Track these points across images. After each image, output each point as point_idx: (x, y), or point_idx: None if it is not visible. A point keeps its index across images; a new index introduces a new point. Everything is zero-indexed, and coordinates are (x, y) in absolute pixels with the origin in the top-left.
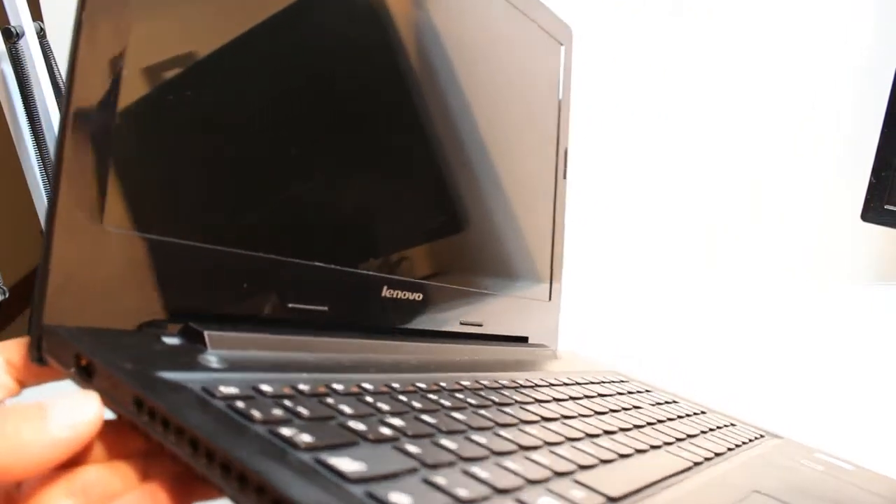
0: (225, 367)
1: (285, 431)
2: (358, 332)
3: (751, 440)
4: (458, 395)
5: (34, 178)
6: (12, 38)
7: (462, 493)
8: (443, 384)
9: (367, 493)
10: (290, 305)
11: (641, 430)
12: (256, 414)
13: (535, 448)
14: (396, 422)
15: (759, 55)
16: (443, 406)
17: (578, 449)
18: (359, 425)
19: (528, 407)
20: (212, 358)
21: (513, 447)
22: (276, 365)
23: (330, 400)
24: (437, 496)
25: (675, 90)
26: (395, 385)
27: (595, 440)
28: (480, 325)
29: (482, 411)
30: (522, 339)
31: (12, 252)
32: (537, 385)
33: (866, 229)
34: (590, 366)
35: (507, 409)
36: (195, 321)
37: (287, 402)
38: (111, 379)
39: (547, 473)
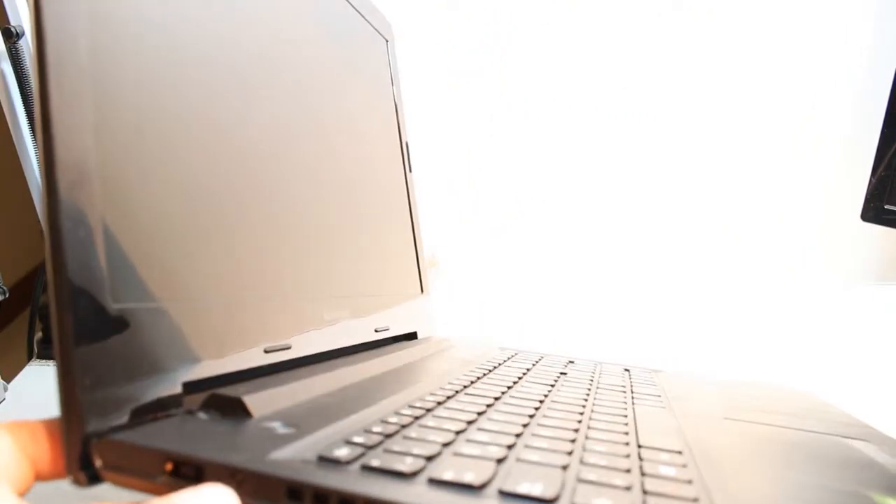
0: (296, 433)
1: (448, 476)
2: (311, 362)
3: (650, 373)
4: (474, 398)
5: (34, 178)
6: (12, 37)
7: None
8: (449, 393)
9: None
10: (265, 349)
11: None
12: (403, 468)
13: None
14: (482, 437)
15: (760, 55)
16: (484, 414)
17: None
18: (471, 450)
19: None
20: (275, 425)
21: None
22: (314, 412)
23: (412, 433)
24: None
25: (676, 90)
26: (419, 405)
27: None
28: (388, 329)
29: (503, 406)
30: (412, 336)
31: (12, 252)
32: (500, 366)
33: (866, 229)
34: (487, 348)
35: (528, 397)
36: (195, 388)
37: (394, 448)
38: (237, 476)
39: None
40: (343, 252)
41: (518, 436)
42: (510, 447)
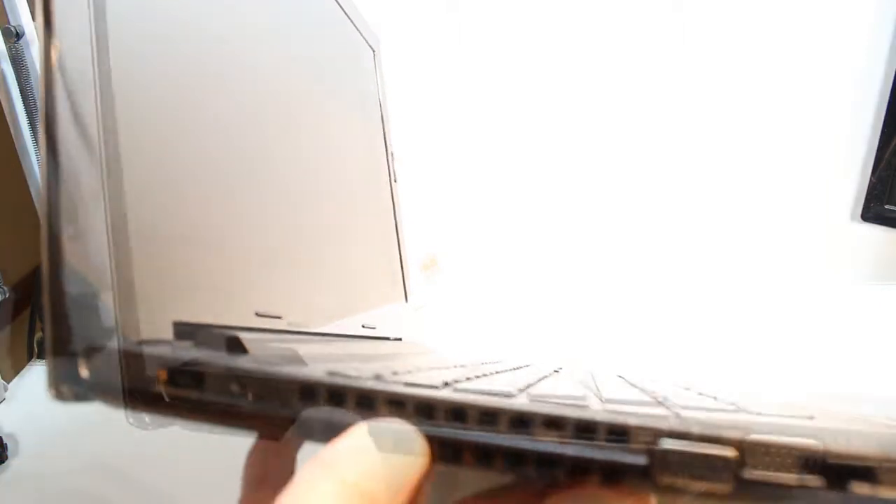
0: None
1: (485, 387)
2: (301, 334)
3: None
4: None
5: (34, 178)
6: (12, 37)
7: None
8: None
9: None
10: (256, 312)
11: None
12: (437, 383)
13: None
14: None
15: (761, 54)
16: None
17: None
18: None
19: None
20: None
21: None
22: (323, 359)
23: (435, 373)
24: None
25: (675, 90)
26: (434, 366)
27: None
28: (374, 329)
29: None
30: (397, 339)
31: (12, 252)
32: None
33: (866, 229)
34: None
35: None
36: (185, 335)
37: (422, 376)
38: (242, 380)
39: None
40: (333, 255)
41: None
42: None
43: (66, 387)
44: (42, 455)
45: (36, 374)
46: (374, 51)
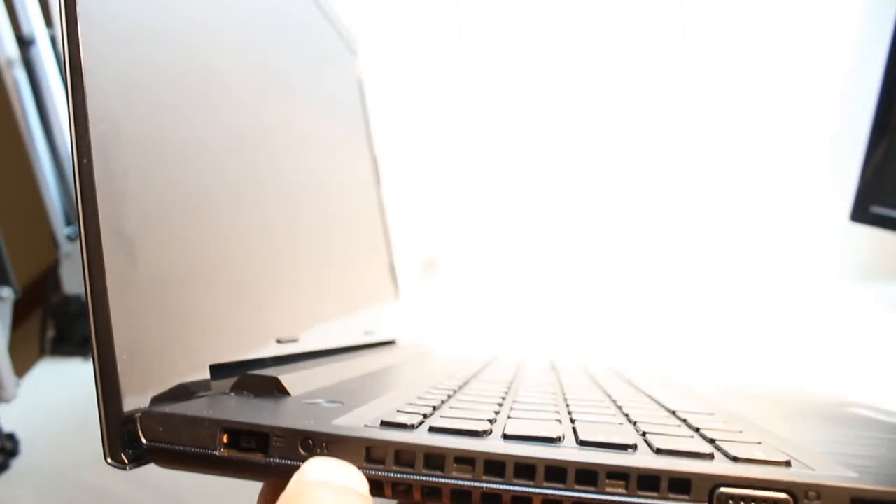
0: (344, 407)
1: (522, 432)
2: (313, 357)
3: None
4: (489, 385)
5: (45, 183)
6: (25, 45)
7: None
8: (460, 382)
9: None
10: (277, 339)
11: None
12: (473, 427)
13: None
14: (527, 409)
15: (753, 55)
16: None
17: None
18: (526, 416)
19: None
20: (318, 401)
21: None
22: (347, 392)
23: (456, 406)
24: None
25: (669, 92)
26: (443, 388)
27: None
28: (373, 333)
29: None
30: (391, 342)
31: (24, 254)
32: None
33: (855, 229)
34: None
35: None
36: (220, 374)
37: (450, 415)
38: (308, 442)
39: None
40: (328, 264)
41: (568, 406)
42: (570, 413)
43: (126, 452)
44: (51, 451)
45: (46, 371)
46: (354, 54)
